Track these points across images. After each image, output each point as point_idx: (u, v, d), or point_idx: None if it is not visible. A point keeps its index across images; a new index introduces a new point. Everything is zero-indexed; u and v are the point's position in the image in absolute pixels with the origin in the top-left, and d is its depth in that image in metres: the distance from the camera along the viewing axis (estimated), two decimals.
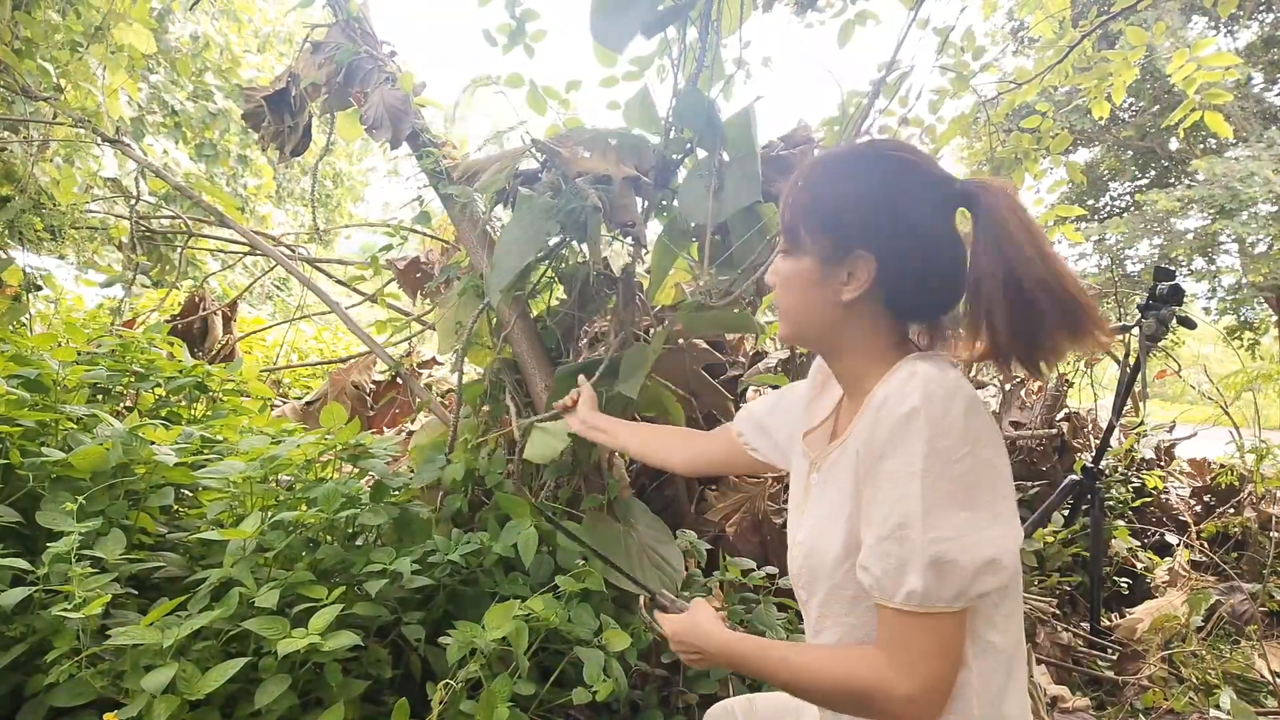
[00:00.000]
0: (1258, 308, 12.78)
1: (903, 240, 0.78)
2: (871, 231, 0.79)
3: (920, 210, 0.78)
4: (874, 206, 0.79)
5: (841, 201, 0.81)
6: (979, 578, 0.69)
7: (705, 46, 1.70)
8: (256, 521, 1.35)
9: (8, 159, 3.39)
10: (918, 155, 0.81)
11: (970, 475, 0.69)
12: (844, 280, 0.81)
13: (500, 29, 1.94)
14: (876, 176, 0.80)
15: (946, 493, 0.69)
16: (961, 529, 0.69)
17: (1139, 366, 2.38)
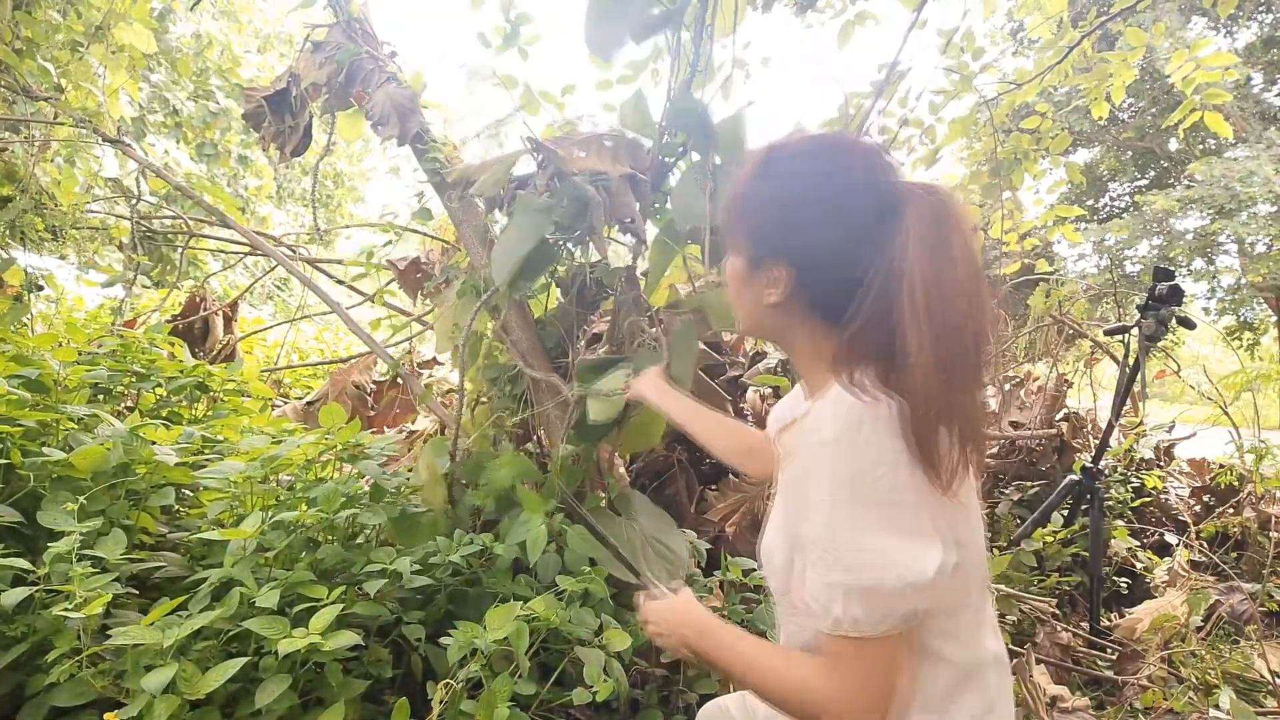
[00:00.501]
0: (1257, 308, 12.78)
1: (821, 250, 0.77)
2: (789, 241, 0.79)
3: (843, 218, 0.76)
4: (794, 217, 0.78)
5: (765, 209, 0.81)
6: (904, 599, 0.69)
7: (699, 51, 1.70)
8: (257, 521, 1.35)
9: (9, 159, 3.39)
10: (853, 156, 0.79)
11: (887, 498, 0.69)
12: (766, 285, 0.81)
13: (495, 31, 1.95)
14: (800, 184, 0.79)
15: (863, 518, 0.69)
16: (881, 553, 0.68)
17: (1138, 367, 2.38)
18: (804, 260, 0.78)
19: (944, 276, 0.70)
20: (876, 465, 0.69)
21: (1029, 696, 1.79)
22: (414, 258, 2.39)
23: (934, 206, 0.72)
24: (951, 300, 0.69)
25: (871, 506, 0.69)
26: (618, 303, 1.87)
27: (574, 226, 1.65)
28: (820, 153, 0.80)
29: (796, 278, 0.79)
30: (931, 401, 0.68)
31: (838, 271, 0.76)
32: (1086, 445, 3.14)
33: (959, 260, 0.70)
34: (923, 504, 0.70)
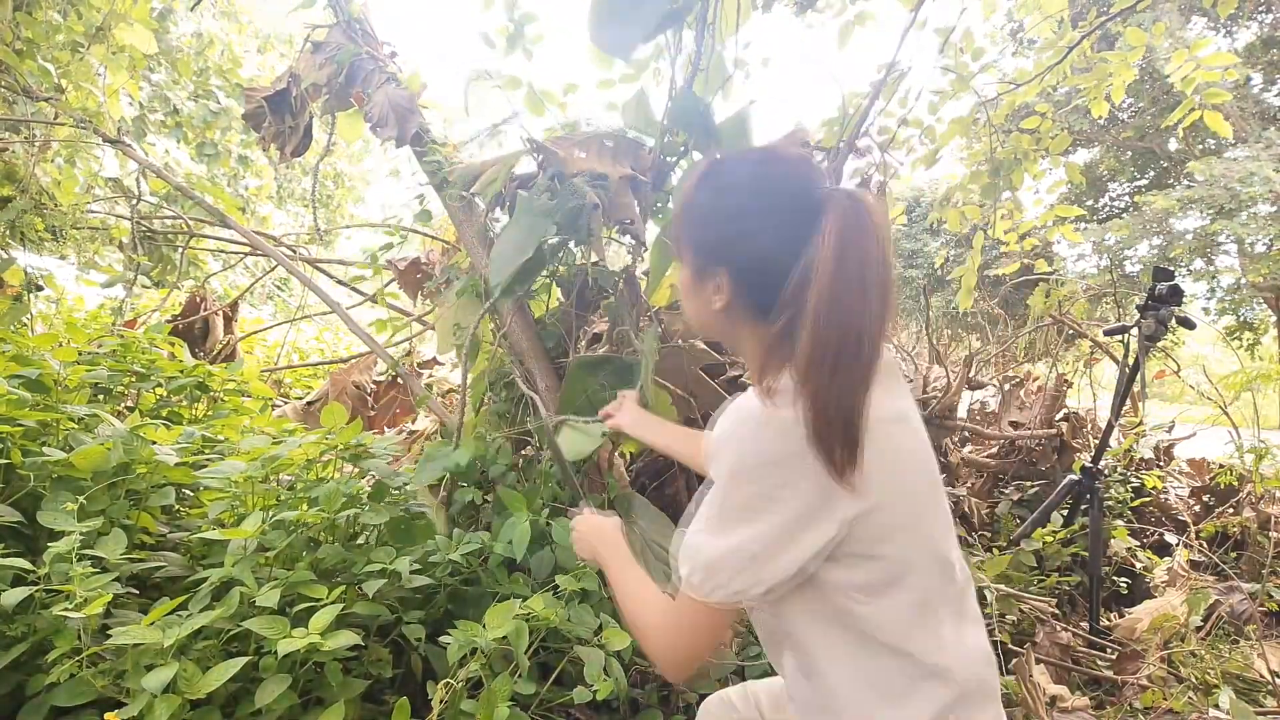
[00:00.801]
0: (1257, 308, 12.78)
1: (754, 256, 0.83)
2: (725, 251, 0.86)
3: (773, 226, 0.82)
4: (727, 229, 0.85)
5: (701, 222, 0.88)
6: (730, 585, 0.78)
7: (701, 50, 1.70)
8: (257, 521, 1.35)
9: (9, 159, 3.39)
10: (784, 167, 0.85)
11: (757, 498, 0.76)
12: (712, 291, 0.87)
13: (499, 31, 1.94)
14: (734, 196, 0.85)
15: (733, 507, 0.78)
16: (733, 541, 0.77)
17: (1138, 366, 2.39)
18: (740, 267, 0.85)
19: (842, 277, 0.75)
20: (757, 467, 0.76)
21: (1029, 696, 1.79)
22: (414, 258, 2.39)
23: (849, 211, 0.77)
24: (843, 300, 0.74)
25: (742, 501, 0.77)
26: (615, 303, 1.87)
27: (573, 228, 1.65)
28: (753, 166, 0.86)
29: (735, 284, 0.85)
30: (818, 397, 0.74)
31: (772, 276, 0.82)
32: (1086, 445, 3.14)
33: (861, 263, 0.75)
34: (801, 506, 0.76)
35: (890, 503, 0.79)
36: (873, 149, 2.32)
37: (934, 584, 0.83)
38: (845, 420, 0.75)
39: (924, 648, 0.80)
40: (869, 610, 0.80)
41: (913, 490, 0.83)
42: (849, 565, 0.79)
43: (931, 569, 0.83)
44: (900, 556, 0.80)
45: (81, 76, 3.28)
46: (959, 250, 11.20)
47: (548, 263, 1.84)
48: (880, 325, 0.77)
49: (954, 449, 3.31)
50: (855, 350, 0.75)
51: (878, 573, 0.79)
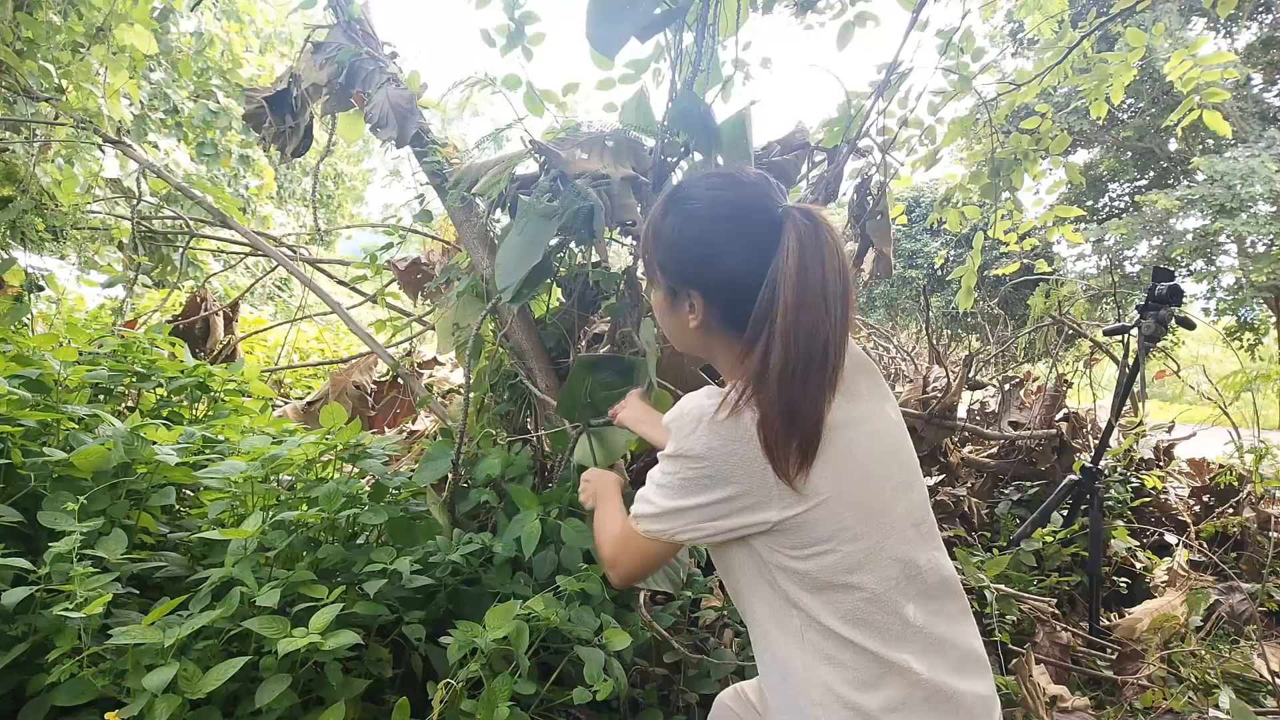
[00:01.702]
0: (1257, 308, 12.79)
1: (723, 276, 0.89)
2: (694, 273, 0.92)
3: (738, 246, 0.87)
4: (695, 251, 0.91)
5: (671, 246, 0.94)
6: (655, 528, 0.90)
7: (701, 50, 1.70)
8: (258, 521, 1.35)
9: (9, 159, 3.40)
10: (744, 190, 0.90)
11: (683, 484, 0.87)
12: (687, 310, 0.94)
13: (499, 30, 1.94)
14: (699, 222, 0.91)
15: (668, 485, 0.89)
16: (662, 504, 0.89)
17: (1138, 367, 2.39)
18: (711, 287, 0.91)
19: (804, 291, 0.80)
20: (700, 457, 0.84)
21: (1029, 696, 1.79)
22: (414, 258, 2.39)
23: (806, 229, 0.82)
24: (808, 313, 0.80)
25: (685, 479, 0.86)
26: (617, 304, 1.87)
27: (576, 229, 1.65)
28: (715, 191, 0.92)
29: (707, 303, 0.92)
30: (791, 405, 0.80)
31: (741, 293, 0.87)
32: (1086, 445, 3.14)
33: (820, 276, 0.81)
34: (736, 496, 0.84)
35: (835, 503, 0.84)
36: (873, 149, 2.32)
37: (891, 583, 0.86)
38: (807, 426, 0.82)
39: (877, 644, 0.84)
40: (819, 601, 0.85)
41: (865, 492, 0.87)
42: (796, 557, 0.85)
43: (889, 568, 0.86)
44: (849, 554, 0.84)
45: (82, 77, 3.28)
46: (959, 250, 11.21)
47: (551, 269, 1.84)
48: (842, 333, 0.83)
49: (954, 449, 3.31)
50: (822, 359, 0.81)
51: (825, 567, 0.84)
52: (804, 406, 0.81)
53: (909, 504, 0.92)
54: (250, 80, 7.07)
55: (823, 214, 0.85)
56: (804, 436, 0.82)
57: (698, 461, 0.84)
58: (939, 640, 0.87)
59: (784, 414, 0.81)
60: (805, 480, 0.82)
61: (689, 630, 1.89)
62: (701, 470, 0.85)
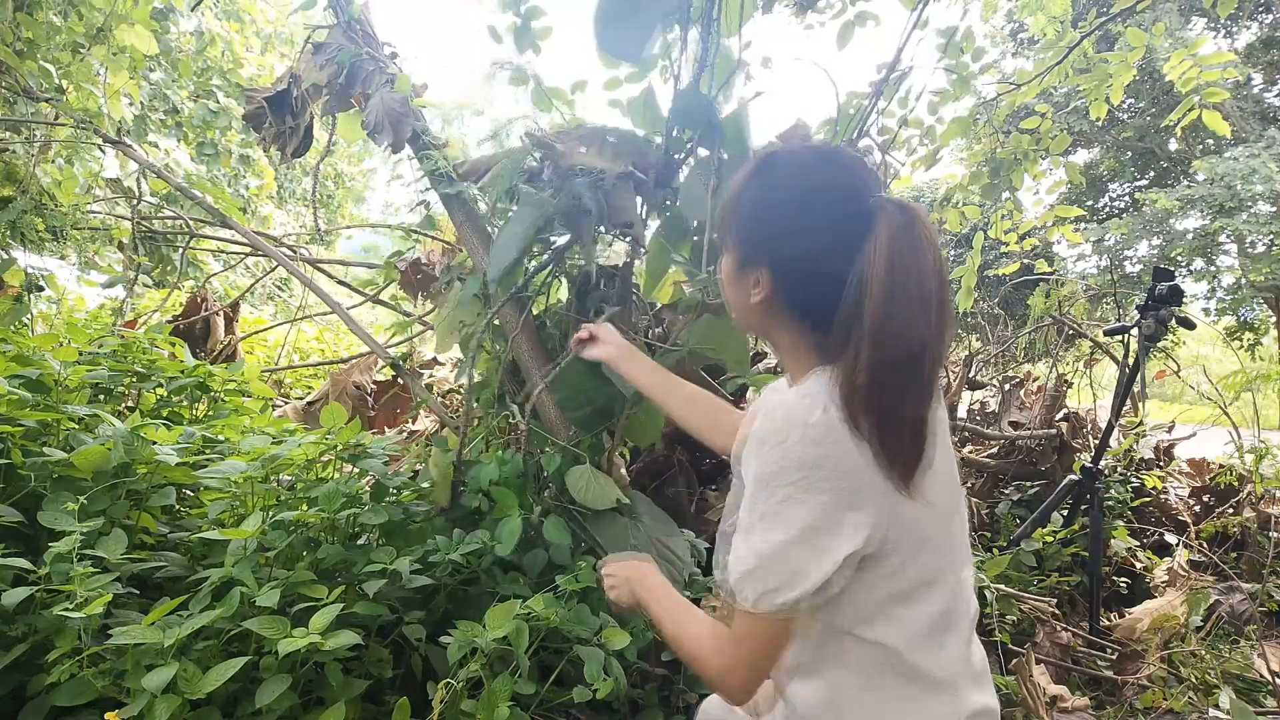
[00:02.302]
0: (1257, 308, 12.79)
1: (796, 257, 0.83)
2: (769, 248, 0.85)
3: (819, 227, 0.81)
4: (774, 226, 0.84)
5: (749, 215, 0.87)
6: (779, 593, 0.76)
7: (707, 46, 1.69)
8: (258, 521, 1.35)
9: (9, 160, 3.40)
10: (837, 169, 0.84)
11: (792, 504, 0.75)
12: (752, 285, 0.87)
13: (508, 28, 1.92)
14: (783, 193, 0.84)
15: (773, 515, 0.76)
16: (771, 547, 0.76)
17: (1138, 367, 2.39)
18: (782, 265, 0.84)
19: (898, 288, 0.74)
20: (787, 471, 0.75)
21: (1029, 696, 1.79)
22: (414, 258, 2.39)
23: (902, 223, 0.76)
24: (901, 311, 0.74)
25: (777, 507, 0.76)
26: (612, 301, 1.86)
27: (572, 227, 1.65)
28: (806, 164, 0.85)
29: (775, 281, 0.85)
30: (872, 405, 0.74)
31: (813, 278, 0.82)
32: (1086, 445, 3.14)
33: (916, 274, 0.75)
34: (825, 514, 0.75)
35: (926, 511, 0.79)
36: (873, 149, 2.32)
37: (949, 601, 0.82)
38: (914, 434, 0.76)
39: (933, 662, 0.80)
40: (886, 621, 0.79)
41: (944, 501, 0.83)
42: (876, 574, 0.78)
43: (952, 586, 0.83)
44: (927, 567, 0.80)
45: (82, 77, 3.28)
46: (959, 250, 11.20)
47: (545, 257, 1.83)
48: (940, 339, 0.76)
49: (954, 449, 3.31)
50: (918, 365, 0.75)
51: (903, 583, 0.79)
52: (909, 413, 0.76)
53: (962, 518, 0.89)
54: (250, 80, 7.07)
55: (919, 209, 0.79)
56: (914, 444, 0.76)
57: (800, 469, 0.75)
58: (972, 655, 0.86)
59: (892, 422, 0.75)
60: (920, 488, 0.77)
61: None
62: (803, 479, 0.75)
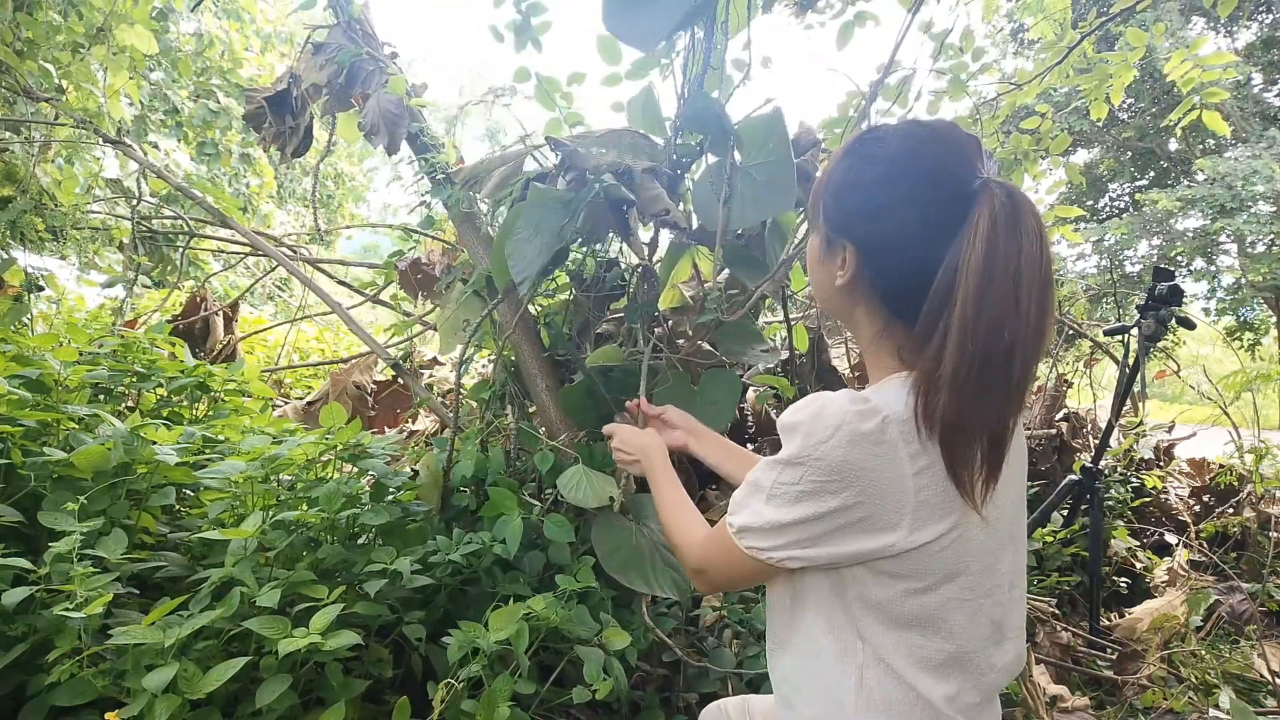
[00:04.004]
0: (1257, 308, 12.79)
1: (887, 238, 0.77)
2: (859, 225, 0.79)
3: (910, 209, 0.75)
4: (865, 201, 0.79)
5: (842, 190, 0.82)
6: (765, 551, 0.78)
7: (711, 47, 1.68)
8: (258, 521, 1.35)
9: (9, 160, 3.40)
10: (936, 147, 0.77)
11: (807, 498, 0.73)
12: (838, 265, 0.82)
13: (507, 25, 1.91)
14: (879, 170, 0.78)
15: (786, 496, 0.75)
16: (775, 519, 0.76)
17: (1138, 367, 2.39)
18: (869, 246, 0.79)
19: (991, 282, 0.68)
20: (817, 469, 0.72)
21: (1029, 696, 1.79)
22: (414, 258, 2.39)
23: (1003, 208, 0.70)
24: (995, 304, 0.68)
25: (796, 495, 0.74)
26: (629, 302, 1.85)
27: (599, 222, 1.60)
28: (905, 140, 0.79)
29: (860, 262, 0.80)
30: (961, 414, 0.69)
31: (902, 262, 0.76)
32: (1086, 445, 3.14)
33: (1015, 266, 0.68)
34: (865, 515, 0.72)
35: (969, 539, 0.74)
36: None
37: (979, 643, 0.77)
38: (991, 442, 0.71)
39: (945, 703, 0.76)
40: (894, 639, 0.76)
41: (996, 532, 0.77)
42: (889, 588, 0.75)
43: (983, 626, 0.78)
44: (953, 598, 0.75)
45: (82, 77, 3.28)
46: None
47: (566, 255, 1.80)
48: (1036, 340, 0.70)
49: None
50: (1005, 366, 0.68)
51: (921, 606, 0.75)
52: (985, 419, 0.70)
53: (1015, 558, 0.82)
54: (250, 80, 7.07)
55: (1026, 196, 0.71)
56: (990, 454, 0.71)
57: (828, 473, 0.71)
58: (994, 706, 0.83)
59: (965, 425, 0.69)
60: (990, 500, 0.72)
61: (688, 631, 1.89)
62: (828, 480, 0.72)
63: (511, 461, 1.83)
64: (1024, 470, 0.85)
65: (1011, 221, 0.69)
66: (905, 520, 0.71)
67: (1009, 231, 0.69)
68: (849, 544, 0.73)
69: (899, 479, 0.70)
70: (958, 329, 0.68)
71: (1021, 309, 0.68)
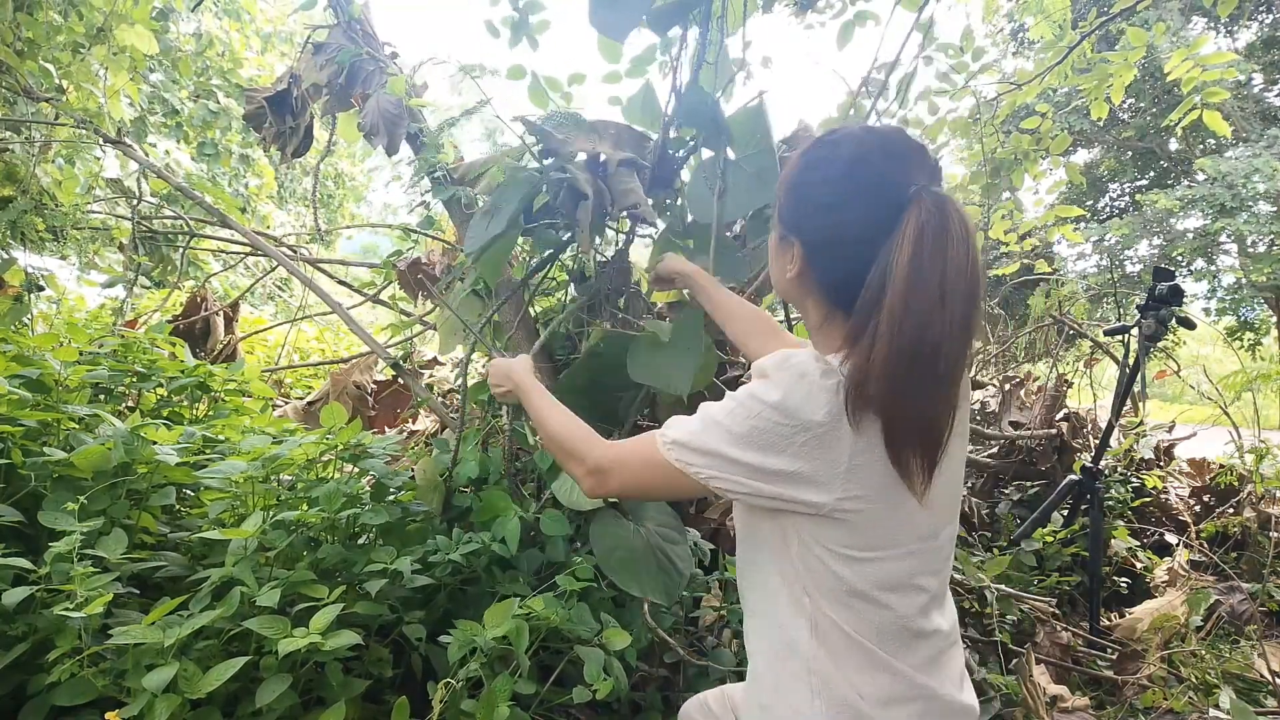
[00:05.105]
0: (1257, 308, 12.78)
1: (828, 238, 0.84)
2: (803, 222, 0.87)
3: (851, 211, 0.81)
4: (810, 202, 0.86)
5: (794, 190, 0.88)
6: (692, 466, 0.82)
7: (706, 43, 1.68)
8: (258, 521, 1.35)
9: (10, 160, 3.40)
10: (877, 153, 0.82)
11: (756, 435, 0.78)
12: (789, 259, 0.89)
13: (503, 21, 1.91)
14: (826, 173, 0.84)
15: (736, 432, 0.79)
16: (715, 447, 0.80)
17: (1138, 367, 2.39)
18: (814, 242, 0.86)
19: (918, 284, 0.73)
20: (773, 410, 0.77)
21: (1029, 696, 1.79)
22: (414, 258, 2.39)
23: (932, 215, 0.74)
24: (920, 304, 0.72)
25: (745, 431, 0.78)
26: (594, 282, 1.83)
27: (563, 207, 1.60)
28: (853, 148, 0.84)
29: (807, 256, 0.87)
30: (880, 397, 0.73)
31: (841, 260, 0.83)
32: (1086, 445, 3.14)
33: (940, 269, 0.73)
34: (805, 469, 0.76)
35: (902, 512, 0.79)
36: None
37: (917, 609, 0.82)
38: (922, 433, 0.75)
39: (897, 659, 0.81)
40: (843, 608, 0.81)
41: (935, 510, 0.82)
42: (835, 555, 0.80)
43: (918, 595, 0.82)
44: (893, 571, 0.80)
45: (82, 77, 3.28)
46: None
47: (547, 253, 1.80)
48: (963, 338, 0.74)
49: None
50: (931, 364, 0.73)
51: (862, 577, 0.79)
52: (919, 413, 0.75)
53: (951, 531, 0.87)
54: (250, 80, 7.07)
55: (956, 205, 0.76)
56: (922, 446, 0.75)
57: (785, 416, 0.76)
58: (949, 658, 0.86)
59: (898, 416, 0.74)
60: (926, 492, 0.77)
61: (687, 630, 1.89)
62: (782, 430, 0.76)
63: (511, 462, 1.83)
64: (963, 455, 0.91)
65: (939, 230, 0.74)
66: (837, 483, 0.76)
67: (935, 239, 0.74)
68: (780, 489, 0.78)
69: (841, 438, 0.75)
70: (885, 325, 0.73)
71: (947, 309, 0.73)
